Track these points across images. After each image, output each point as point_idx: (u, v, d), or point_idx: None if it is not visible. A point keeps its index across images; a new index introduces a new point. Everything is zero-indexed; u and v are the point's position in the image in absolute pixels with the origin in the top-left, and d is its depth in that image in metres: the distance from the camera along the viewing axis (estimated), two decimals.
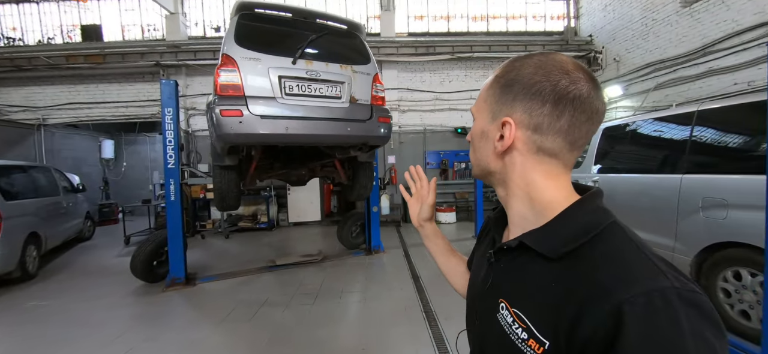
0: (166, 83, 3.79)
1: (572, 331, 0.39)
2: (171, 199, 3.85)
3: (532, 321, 0.45)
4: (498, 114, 0.51)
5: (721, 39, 5.46)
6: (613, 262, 0.41)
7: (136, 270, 3.94)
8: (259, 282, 4.13)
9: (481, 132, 0.55)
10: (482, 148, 0.55)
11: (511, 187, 0.53)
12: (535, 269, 0.47)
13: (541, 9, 9.07)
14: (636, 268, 0.39)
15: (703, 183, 2.56)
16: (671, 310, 0.35)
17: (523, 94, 0.49)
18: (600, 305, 0.38)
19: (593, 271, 0.41)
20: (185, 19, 8.40)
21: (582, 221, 0.46)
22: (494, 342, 0.52)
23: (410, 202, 0.91)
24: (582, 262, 0.43)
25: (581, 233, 0.44)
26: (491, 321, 0.52)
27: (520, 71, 0.50)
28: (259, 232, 7.43)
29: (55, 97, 8.07)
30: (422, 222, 0.89)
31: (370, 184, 3.73)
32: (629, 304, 0.36)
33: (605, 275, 0.40)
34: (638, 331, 0.35)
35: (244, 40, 2.60)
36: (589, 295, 0.39)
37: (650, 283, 0.37)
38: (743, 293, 2.34)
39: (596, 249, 0.43)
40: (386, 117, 3.03)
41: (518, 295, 0.49)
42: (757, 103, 2.32)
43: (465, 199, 8.51)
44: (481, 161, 0.56)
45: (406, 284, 3.91)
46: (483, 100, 0.55)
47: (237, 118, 2.43)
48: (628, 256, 0.41)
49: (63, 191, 5.89)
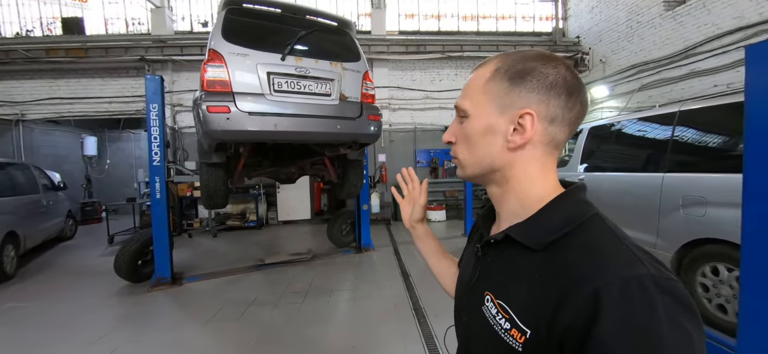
0: (151, 78, 3.69)
1: (553, 318, 0.40)
2: (157, 197, 3.76)
3: (515, 311, 0.45)
4: (510, 106, 0.49)
5: (702, 42, 5.63)
6: (592, 250, 0.42)
7: (120, 269, 3.84)
8: (248, 281, 4.08)
9: (484, 127, 0.51)
10: (486, 145, 0.52)
11: (511, 184, 0.52)
12: (520, 261, 0.48)
13: (530, 10, 9.19)
14: (614, 256, 0.40)
15: (684, 181, 2.64)
16: (647, 296, 0.36)
17: (539, 85, 0.48)
18: (579, 292, 0.38)
19: (573, 260, 0.42)
20: (171, 13, 8.20)
21: (565, 213, 0.47)
22: (480, 334, 0.52)
23: (402, 204, 0.91)
24: (563, 251, 0.44)
25: (563, 224, 0.45)
26: (477, 314, 0.52)
27: (528, 63, 0.49)
28: (247, 231, 7.33)
29: (34, 92, 7.78)
30: (414, 223, 0.89)
31: (360, 183, 3.72)
32: (606, 289, 0.36)
33: (585, 263, 0.40)
34: (615, 315, 0.35)
35: (232, 36, 2.55)
36: (569, 283, 0.40)
37: (627, 270, 0.38)
38: (720, 288, 2.43)
39: (577, 239, 0.44)
40: (376, 115, 3.02)
41: (503, 287, 0.49)
42: (734, 104, 2.40)
43: (455, 198, 8.58)
44: (483, 159, 0.53)
45: (395, 282, 3.92)
46: (483, 93, 0.52)
47: (224, 115, 2.38)
48: (607, 246, 0.42)
49: (43, 189, 5.69)
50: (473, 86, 0.54)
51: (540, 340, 0.42)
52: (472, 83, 0.54)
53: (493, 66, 0.52)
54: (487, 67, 0.53)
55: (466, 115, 0.54)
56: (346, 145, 3.12)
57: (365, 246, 5.24)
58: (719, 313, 2.45)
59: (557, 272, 0.42)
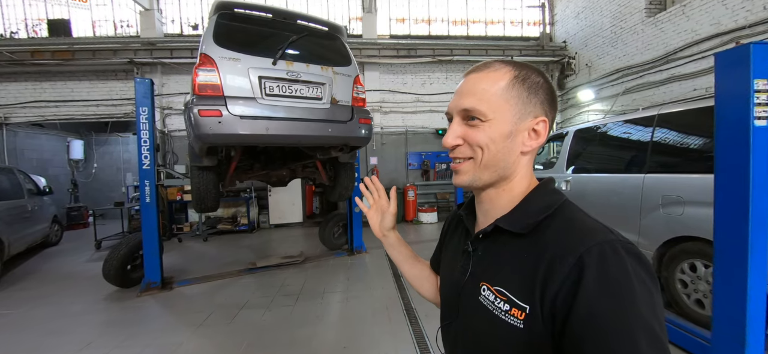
0: (140, 81, 3.67)
1: (545, 288, 0.46)
2: (146, 201, 3.73)
3: (513, 292, 0.50)
4: (527, 114, 0.54)
5: (681, 47, 5.84)
6: (571, 228, 0.49)
7: (109, 275, 3.78)
8: (239, 285, 4.06)
9: (507, 133, 0.53)
10: (507, 149, 0.54)
11: (509, 185, 0.57)
12: (509, 247, 0.53)
13: (518, 15, 9.38)
14: (588, 229, 0.48)
15: (663, 182, 2.75)
16: (619, 256, 0.44)
17: (547, 97, 0.55)
18: (566, 260, 0.45)
19: (557, 237, 0.49)
20: (161, 15, 8.13)
21: (542, 201, 0.54)
22: (480, 324, 0.55)
23: (369, 214, 0.89)
24: (547, 231, 0.50)
25: (543, 210, 0.53)
26: (475, 306, 0.56)
27: (537, 76, 0.55)
28: (238, 235, 7.28)
29: (18, 95, 7.61)
30: (385, 232, 0.88)
31: (351, 185, 3.75)
32: (587, 254, 0.44)
33: (567, 237, 0.48)
34: (595, 272, 0.43)
35: (223, 40, 2.57)
36: (556, 255, 0.46)
37: (601, 238, 0.46)
38: (698, 283, 2.53)
39: (556, 221, 0.51)
40: (367, 118, 3.07)
41: (498, 274, 0.53)
42: (708, 108, 2.51)
43: (446, 200, 8.67)
44: (502, 164, 0.55)
45: (387, 284, 3.96)
46: (504, 99, 0.53)
47: (216, 118, 2.40)
48: (582, 223, 0.50)
49: (27, 194, 5.57)
50: (489, 91, 0.53)
51: (535, 310, 0.47)
52: (486, 88, 0.54)
53: (511, 74, 0.54)
54: (500, 72, 0.54)
55: (484, 118, 0.53)
56: (337, 148, 3.16)
57: (357, 248, 5.27)
58: (697, 307, 2.55)
59: (543, 248, 0.48)
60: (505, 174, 0.56)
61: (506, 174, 0.56)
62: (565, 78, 8.83)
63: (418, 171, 8.75)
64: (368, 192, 0.91)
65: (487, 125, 0.53)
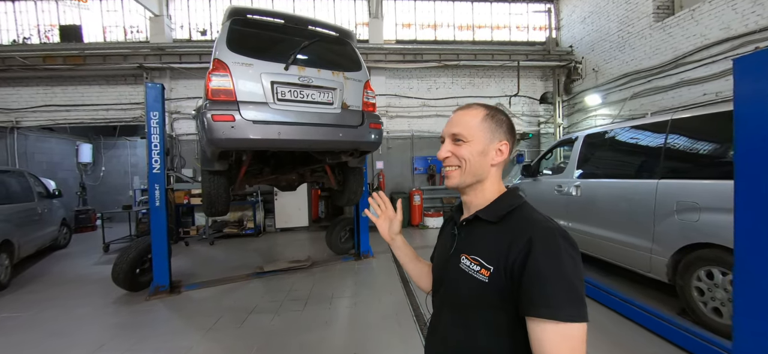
0: (152, 86, 3.71)
1: (507, 257, 0.69)
2: (156, 205, 3.75)
3: (483, 258, 0.74)
4: (494, 139, 0.80)
5: (690, 52, 5.79)
6: (526, 219, 0.73)
7: (118, 278, 3.80)
8: (247, 289, 4.06)
9: (481, 150, 0.79)
10: (482, 162, 0.79)
11: (482, 187, 0.81)
12: (483, 230, 0.78)
13: (524, 20, 9.39)
14: (537, 220, 0.72)
15: (678, 187, 2.71)
16: (555, 236, 0.67)
17: (507, 129, 0.81)
18: (521, 239, 0.68)
19: (517, 225, 0.73)
20: (170, 21, 8.24)
21: (509, 201, 0.79)
22: (458, 281, 0.79)
23: (378, 222, 1.12)
24: (510, 221, 0.74)
25: (509, 207, 0.77)
26: (457, 271, 0.79)
27: (501, 115, 0.82)
28: (245, 238, 7.30)
29: (30, 99, 7.73)
30: (393, 236, 1.11)
31: (360, 190, 3.75)
32: (534, 235, 0.68)
33: (523, 225, 0.72)
34: (539, 246, 0.66)
35: (236, 46, 2.59)
36: (516, 236, 0.70)
37: (544, 225, 0.70)
38: (715, 291, 2.48)
39: (518, 214, 0.75)
40: (377, 123, 3.07)
41: (474, 247, 0.77)
42: (724, 112, 2.49)
43: (452, 204, 8.63)
44: (478, 173, 0.80)
45: (396, 289, 3.93)
46: (478, 129, 0.79)
47: (229, 123, 2.41)
48: (533, 216, 0.74)
49: (38, 197, 5.63)
50: (470, 123, 0.80)
51: (498, 271, 0.70)
52: (468, 121, 0.80)
53: (483, 112, 0.81)
54: (477, 111, 0.81)
55: (465, 140, 0.79)
56: (348, 153, 3.16)
57: (364, 253, 5.25)
58: (715, 316, 2.50)
59: (507, 231, 0.73)
60: (480, 178, 0.80)
61: (482, 179, 0.80)
62: (572, 82, 8.79)
63: (424, 175, 8.73)
64: (376, 204, 1.15)
65: (468, 145, 0.79)
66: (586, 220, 3.67)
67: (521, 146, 9.03)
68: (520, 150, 9.01)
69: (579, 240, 3.72)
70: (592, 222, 3.58)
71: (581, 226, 3.74)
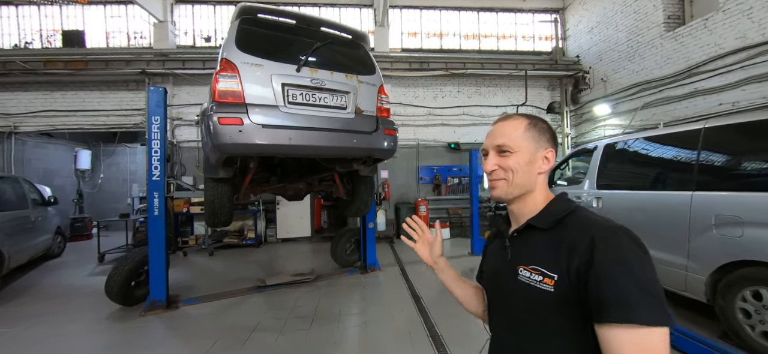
0: (154, 90, 3.55)
1: (570, 262, 0.67)
2: (154, 214, 3.55)
3: (544, 266, 0.71)
4: (540, 148, 0.79)
5: (704, 61, 5.68)
6: (584, 220, 0.71)
7: (111, 292, 3.57)
8: (248, 304, 3.83)
9: (528, 160, 0.78)
10: (528, 172, 0.78)
11: (532, 197, 0.80)
12: (537, 238, 0.76)
13: (530, 30, 9.35)
14: (596, 220, 0.70)
15: (716, 200, 2.53)
16: (618, 235, 0.65)
17: (550, 136, 0.81)
18: (582, 242, 0.66)
19: (575, 227, 0.71)
20: (174, 27, 8.17)
21: (561, 206, 0.77)
22: (520, 295, 0.75)
23: (416, 247, 1.09)
24: (566, 225, 0.72)
25: (562, 212, 0.75)
26: (515, 283, 0.76)
27: (542, 123, 0.82)
28: (245, 249, 7.06)
29: (29, 104, 7.59)
30: (436, 259, 1.08)
31: (370, 200, 3.56)
32: (596, 235, 0.65)
33: (582, 228, 0.69)
34: (603, 245, 0.63)
35: (246, 46, 2.44)
36: (575, 240, 0.68)
37: (605, 225, 0.67)
38: (764, 313, 2.28)
39: (573, 218, 0.73)
40: (392, 129, 2.90)
41: (531, 257, 0.74)
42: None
43: (458, 215, 8.42)
44: (527, 183, 0.79)
45: (406, 305, 3.71)
46: (523, 139, 0.79)
47: (236, 127, 2.23)
48: (590, 217, 0.72)
49: (32, 204, 5.43)
50: (514, 134, 0.79)
51: (563, 278, 0.67)
52: (511, 132, 0.80)
53: (525, 121, 0.80)
54: (519, 121, 0.81)
55: (512, 151, 0.79)
56: (361, 161, 2.98)
57: (371, 265, 5.03)
58: (764, 340, 2.29)
59: (565, 237, 0.70)
60: (529, 188, 0.79)
61: (530, 188, 0.79)
62: (579, 92, 8.69)
63: (429, 185, 8.54)
64: (412, 230, 1.11)
65: (515, 155, 0.78)
66: None
67: None
68: None
69: None
70: None
71: None
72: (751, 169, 2.42)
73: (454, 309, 3.86)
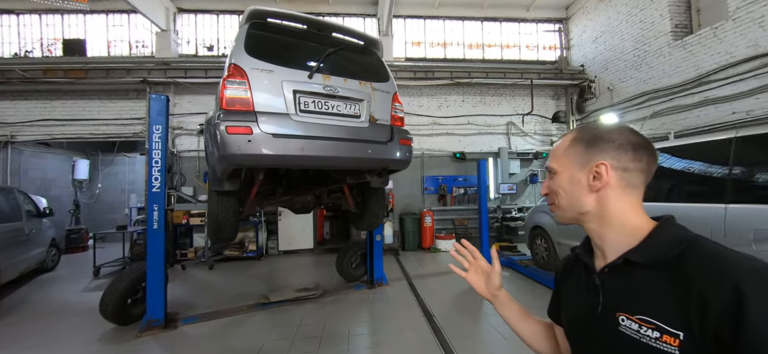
0: (156, 98, 3.41)
1: (703, 316, 0.52)
2: (154, 228, 3.37)
3: (660, 320, 0.56)
4: (587, 162, 0.68)
5: (715, 70, 5.61)
6: (715, 258, 0.55)
7: (106, 311, 3.37)
8: (251, 323, 3.63)
9: (570, 179, 0.70)
10: (574, 192, 0.69)
11: (606, 219, 0.66)
12: (645, 279, 0.60)
13: (533, 39, 9.33)
14: (734, 258, 0.54)
15: (755, 213, 2.37)
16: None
17: (609, 146, 0.66)
18: (719, 289, 0.51)
19: (702, 268, 0.54)
20: (177, 36, 8.10)
21: (672, 236, 0.61)
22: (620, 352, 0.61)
23: (468, 276, 0.94)
24: (689, 264, 0.56)
25: (675, 243, 0.59)
26: (616, 336, 0.61)
27: (596, 132, 0.69)
28: (246, 262, 6.83)
29: (27, 113, 7.45)
30: (495, 291, 0.91)
31: (382, 213, 3.39)
32: (744, 282, 0.49)
33: (714, 267, 0.53)
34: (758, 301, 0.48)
35: (256, 51, 2.30)
36: (707, 287, 0.52)
37: (751, 265, 0.52)
38: None
39: (695, 252, 0.57)
40: (407, 139, 2.76)
41: (639, 304, 0.60)
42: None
43: (464, 226, 8.24)
44: (574, 204, 0.69)
45: (419, 324, 3.51)
46: (565, 156, 0.71)
47: (245, 136, 2.08)
48: (723, 252, 0.56)
49: (26, 216, 5.23)
50: (557, 152, 0.74)
51: (694, 337, 0.52)
52: (557, 151, 0.74)
53: (572, 136, 0.72)
54: (567, 137, 0.73)
55: (555, 172, 0.73)
56: (375, 172, 2.83)
57: (378, 280, 4.83)
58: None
59: (690, 279, 0.54)
60: (581, 210, 0.69)
61: (584, 210, 0.68)
62: (585, 101, 8.62)
63: (434, 196, 8.38)
64: (461, 256, 0.97)
65: (557, 176, 0.73)
66: None
67: (535, 166, 8.75)
68: (533, 170, 8.72)
69: None
70: None
71: None
72: None
73: (470, 327, 3.66)
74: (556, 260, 4.85)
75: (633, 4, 7.13)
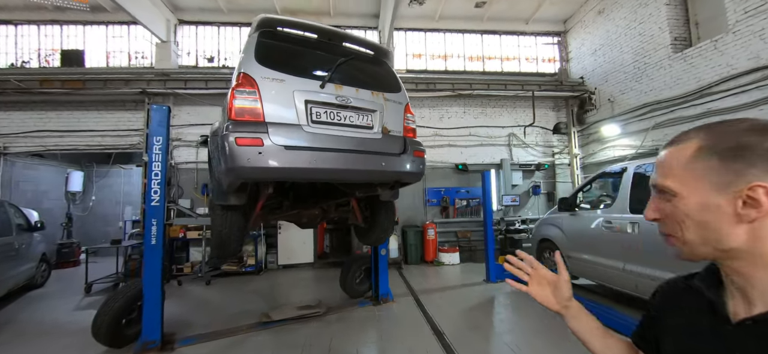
0: (157, 109, 3.31)
1: None
2: (151, 243, 3.22)
3: None
4: (734, 183, 0.50)
5: (716, 82, 5.64)
6: None
7: (99, 333, 3.17)
8: (253, 344, 3.44)
9: (702, 206, 0.52)
10: (711, 223, 0.52)
11: (764, 258, 0.50)
12: None
13: (533, 52, 9.42)
14: None
15: None
16: None
17: (762, 159, 0.48)
18: None
19: None
20: (177, 48, 8.04)
21: None
22: None
23: (531, 290, 0.86)
24: None
25: None
26: None
27: (742, 137, 0.50)
28: (244, 277, 6.62)
29: (21, 124, 7.29)
30: (565, 303, 0.82)
31: (391, 227, 3.28)
32: None
33: None
34: None
35: (266, 60, 2.22)
36: None
37: None
38: None
39: None
40: (420, 151, 2.67)
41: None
42: None
43: (467, 238, 8.11)
44: (711, 238, 0.52)
45: (430, 344, 3.35)
46: (687, 172, 0.53)
47: (256, 148, 1.98)
48: None
49: (16, 230, 5.03)
50: (673, 165, 0.55)
51: None
52: (671, 162, 0.56)
53: (695, 144, 0.54)
54: (687, 144, 0.55)
55: (673, 193, 0.55)
56: (388, 185, 2.73)
57: (383, 296, 4.67)
58: None
59: None
60: (725, 246, 0.51)
61: (729, 246, 0.51)
62: (585, 113, 8.66)
63: (436, 208, 8.27)
64: (519, 270, 0.88)
65: (677, 200, 0.54)
66: (652, 262, 3.20)
67: (536, 177, 8.70)
68: (535, 181, 8.67)
69: (646, 286, 3.24)
70: (660, 265, 3.12)
71: (645, 269, 3.27)
72: None
73: (482, 346, 3.49)
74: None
75: (631, 17, 7.23)
